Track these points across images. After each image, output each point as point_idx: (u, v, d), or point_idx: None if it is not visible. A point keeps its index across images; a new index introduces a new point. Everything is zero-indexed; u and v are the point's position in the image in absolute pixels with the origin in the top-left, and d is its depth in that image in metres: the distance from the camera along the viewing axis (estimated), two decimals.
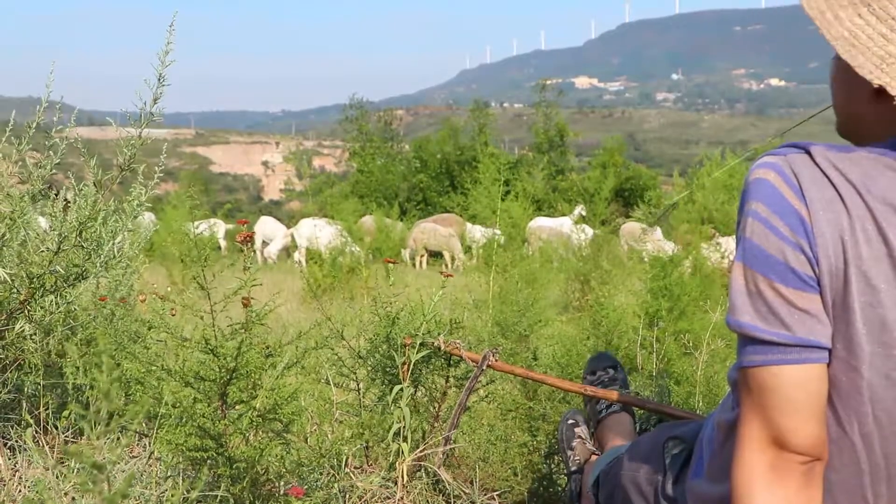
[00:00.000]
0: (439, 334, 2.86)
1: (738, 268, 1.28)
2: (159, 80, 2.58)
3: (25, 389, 2.98)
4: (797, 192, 1.23)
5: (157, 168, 2.85)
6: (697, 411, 3.22)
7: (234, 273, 2.32)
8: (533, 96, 35.02)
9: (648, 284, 5.56)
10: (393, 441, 2.77)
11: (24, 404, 2.93)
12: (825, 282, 1.21)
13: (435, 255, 19.74)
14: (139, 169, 2.93)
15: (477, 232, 18.13)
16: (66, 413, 2.90)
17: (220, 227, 19.91)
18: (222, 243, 19.83)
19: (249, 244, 2.34)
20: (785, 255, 1.22)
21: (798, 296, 1.22)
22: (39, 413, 2.95)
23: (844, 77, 1.32)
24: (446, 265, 18.17)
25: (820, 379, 1.24)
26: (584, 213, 18.61)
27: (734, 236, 1.39)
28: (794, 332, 1.22)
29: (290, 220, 26.89)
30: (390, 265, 3.36)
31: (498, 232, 7.90)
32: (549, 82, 35.66)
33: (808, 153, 1.26)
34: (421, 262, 19.16)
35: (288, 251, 20.36)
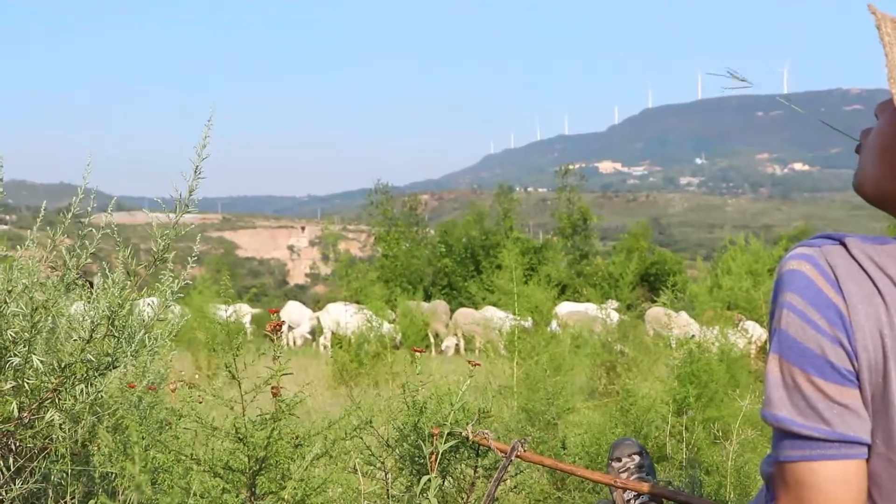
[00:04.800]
0: (467, 424, 2.84)
1: (774, 360, 1.26)
2: (195, 172, 2.63)
3: (52, 478, 2.97)
4: (833, 285, 1.21)
5: (190, 258, 2.88)
6: (728, 503, 3.16)
7: (263, 361, 2.33)
8: (557, 181, 35.17)
9: (676, 371, 5.50)
10: None
11: (51, 493, 2.92)
12: (864, 376, 1.19)
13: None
14: (170, 257, 2.97)
15: (497, 315, 17.99)
16: (92, 502, 2.88)
17: (247, 312, 20.01)
18: (248, 328, 19.89)
19: (278, 333, 2.35)
20: (823, 349, 1.20)
21: (837, 390, 1.20)
22: (66, 503, 2.93)
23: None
24: (474, 351, 18.05)
25: (860, 475, 1.21)
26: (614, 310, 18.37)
27: (756, 321, 1.36)
28: (834, 428, 1.20)
29: (315, 304, 26.94)
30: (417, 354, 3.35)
31: (524, 322, 7.83)
32: (572, 167, 35.85)
33: (844, 245, 1.25)
34: (458, 348, 19.09)
35: (313, 334, 20.37)
